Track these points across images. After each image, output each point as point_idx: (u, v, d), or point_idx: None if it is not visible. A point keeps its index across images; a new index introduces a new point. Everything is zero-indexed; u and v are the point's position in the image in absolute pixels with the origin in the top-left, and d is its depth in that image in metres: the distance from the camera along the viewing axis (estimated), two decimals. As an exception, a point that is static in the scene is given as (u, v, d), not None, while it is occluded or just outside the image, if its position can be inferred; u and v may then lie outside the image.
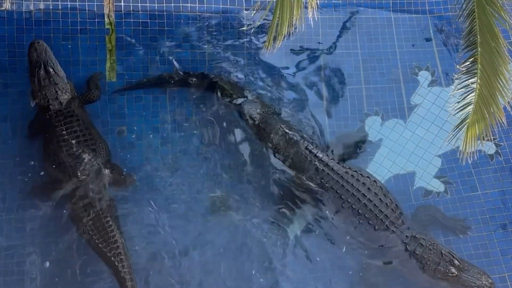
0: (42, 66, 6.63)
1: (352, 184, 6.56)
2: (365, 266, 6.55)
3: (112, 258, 6.07)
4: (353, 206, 6.52)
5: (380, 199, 6.53)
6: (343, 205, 6.54)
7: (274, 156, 6.83)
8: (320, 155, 6.72)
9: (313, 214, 6.73)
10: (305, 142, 6.80)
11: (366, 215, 6.49)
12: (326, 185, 6.61)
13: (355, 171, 6.69)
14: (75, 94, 6.79)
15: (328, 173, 6.63)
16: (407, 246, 6.46)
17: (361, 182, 6.58)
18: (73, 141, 6.40)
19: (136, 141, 6.93)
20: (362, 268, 6.56)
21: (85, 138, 6.45)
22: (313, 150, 6.74)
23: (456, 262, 6.39)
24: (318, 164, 6.67)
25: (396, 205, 6.60)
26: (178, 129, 7.02)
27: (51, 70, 6.64)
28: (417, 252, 6.42)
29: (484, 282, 6.37)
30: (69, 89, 6.72)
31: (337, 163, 6.72)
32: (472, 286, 6.37)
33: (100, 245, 6.11)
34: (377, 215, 6.48)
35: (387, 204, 6.53)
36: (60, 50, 7.01)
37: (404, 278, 6.54)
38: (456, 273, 6.36)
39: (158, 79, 7.16)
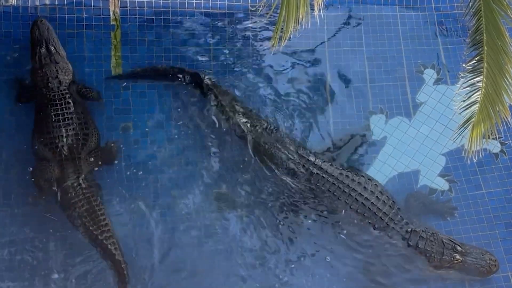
0: (44, 44, 6.65)
1: (348, 185, 6.56)
2: (368, 265, 6.55)
3: (104, 241, 6.12)
4: (351, 207, 6.52)
5: (377, 197, 6.54)
6: (340, 206, 6.54)
7: (262, 162, 6.82)
8: (313, 159, 6.70)
9: (312, 217, 6.70)
10: (296, 147, 6.78)
11: (365, 214, 6.50)
12: (322, 188, 6.61)
13: (349, 171, 6.69)
14: (75, 78, 6.80)
15: (322, 176, 6.62)
16: (408, 242, 6.47)
17: (357, 182, 6.58)
18: (68, 122, 6.43)
19: (140, 137, 6.93)
20: (364, 267, 6.56)
21: (80, 121, 6.49)
22: (305, 155, 6.72)
23: (458, 248, 6.45)
24: (312, 168, 6.66)
25: (393, 201, 6.63)
26: (183, 125, 7.02)
27: (53, 48, 6.68)
28: (419, 246, 6.45)
29: (488, 261, 6.45)
30: (69, 70, 6.75)
31: (331, 165, 6.71)
32: (477, 267, 6.43)
33: (91, 228, 6.15)
34: (376, 213, 6.49)
35: (384, 202, 6.54)
36: (66, 46, 7.01)
37: (408, 274, 6.55)
38: (461, 259, 6.41)
39: (152, 71, 7.15)
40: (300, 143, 6.91)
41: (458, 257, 6.41)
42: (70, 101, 6.56)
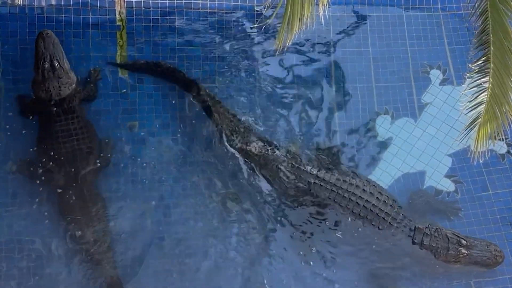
0: (48, 59, 6.60)
1: (347, 190, 6.52)
2: (374, 267, 6.54)
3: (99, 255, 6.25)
4: (354, 211, 6.50)
5: (377, 198, 6.52)
6: (343, 212, 6.52)
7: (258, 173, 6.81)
8: (308, 169, 6.67)
9: (316, 225, 6.67)
10: (290, 158, 6.74)
11: (367, 217, 6.48)
12: (322, 197, 6.58)
13: (346, 175, 6.66)
14: (78, 88, 6.80)
15: (320, 184, 6.58)
16: (413, 239, 6.46)
17: (355, 185, 6.55)
18: (72, 137, 6.48)
19: (147, 137, 6.95)
20: (370, 269, 6.55)
21: (83, 135, 6.53)
22: (300, 166, 6.68)
23: (463, 241, 6.46)
24: (308, 178, 6.63)
25: (393, 200, 6.61)
26: (188, 126, 7.03)
27: (57, 64, 6.62)
28: (425, 243, 6.45)
29: (494, 253, 6.47)
30: (72, 83, 6.72)
31: (326, 172, 6.67)
32: (483, 259, 6.45)
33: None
34: (378, 214, 6.47)
35: (385, 202, 6.52)
36: (71, 46, 7.04)
37: (414, 273, 6.56)
38: (467, 252, 6.43)
39: (155, 66, 7.13)
40: (295, 153, 6.88)
41: (463, 250, 6.42)
42: (74, 116, 6.60)
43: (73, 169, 6.43)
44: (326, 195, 6.55)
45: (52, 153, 6.46)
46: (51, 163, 6.45)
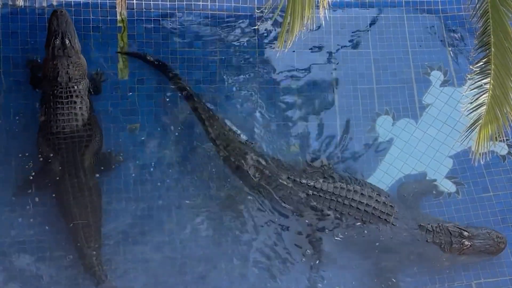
0: (60, 36, 6.57)
1: (346, 196, 6.50)
2: (379, 268, 6.55)
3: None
4: (356, 217, 6.49)
5: (376, 200, 6.52)
6: (345, 220, 6.50)
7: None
8: (304, 181, 6.62)
9: (316, 228, 6.65)
10: (285, 171, 6.71)
11: (370, 221, 6.47)
12: (323, 207, 6.56)
13: (342, 181, 6.63)
14: (86, 76, 6.76)
15: (319, 195, 6.55)
16: (417, 237, 6.46)
17: (353, 191, 6.53)
18: (71, 122, 6.43)
19: (147, 138, 6.95)
20: (376, 270, 6.57)
21: (84, 122, 6.48)
22: (296, 179, 6.64)
23: (465, 233, 6.51)
24: (306, 190, 6.60)
25: (392, 200, 6.61)
26: (189, 127, 7.03)
27: (67, 42, 6.59)
28: (428, 240, 6.46)
29: (496, 240, 6.53)
30: (81, 66, 6.70)
31: (322, 181, 6.64)
32: (487, 247, 6.50)
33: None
34: (380, 216, 6.47)
35: (384, 203, 6.53)
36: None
37: (414, 273, 6.58)
38: (470, 243, 6.46)
39: (161, 66, 7.12)
40: (288, 165, 6.85)
41: (466, 242, 6.47)
42: (77, 100, 6.55)
43: (70, 157, 6.38)
44: (327, 205, 6.52)
45: (50, 138, 6.40)
46: (47, 149, 6.39)
